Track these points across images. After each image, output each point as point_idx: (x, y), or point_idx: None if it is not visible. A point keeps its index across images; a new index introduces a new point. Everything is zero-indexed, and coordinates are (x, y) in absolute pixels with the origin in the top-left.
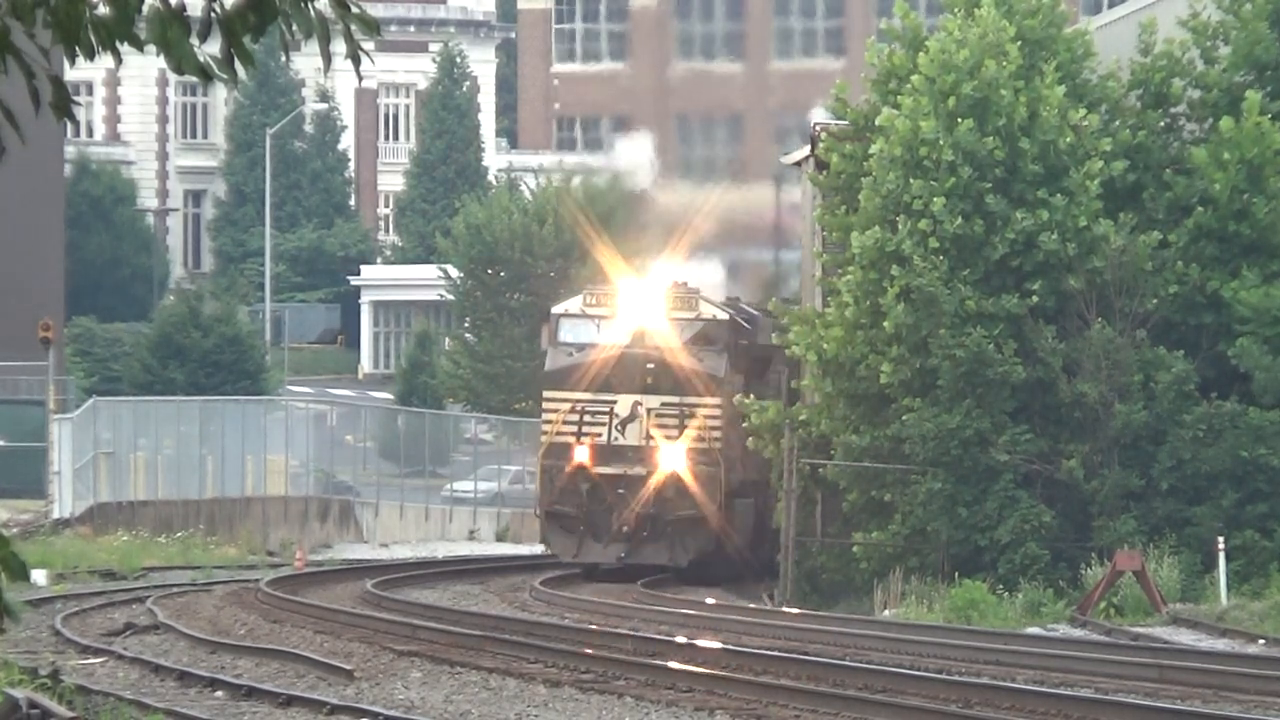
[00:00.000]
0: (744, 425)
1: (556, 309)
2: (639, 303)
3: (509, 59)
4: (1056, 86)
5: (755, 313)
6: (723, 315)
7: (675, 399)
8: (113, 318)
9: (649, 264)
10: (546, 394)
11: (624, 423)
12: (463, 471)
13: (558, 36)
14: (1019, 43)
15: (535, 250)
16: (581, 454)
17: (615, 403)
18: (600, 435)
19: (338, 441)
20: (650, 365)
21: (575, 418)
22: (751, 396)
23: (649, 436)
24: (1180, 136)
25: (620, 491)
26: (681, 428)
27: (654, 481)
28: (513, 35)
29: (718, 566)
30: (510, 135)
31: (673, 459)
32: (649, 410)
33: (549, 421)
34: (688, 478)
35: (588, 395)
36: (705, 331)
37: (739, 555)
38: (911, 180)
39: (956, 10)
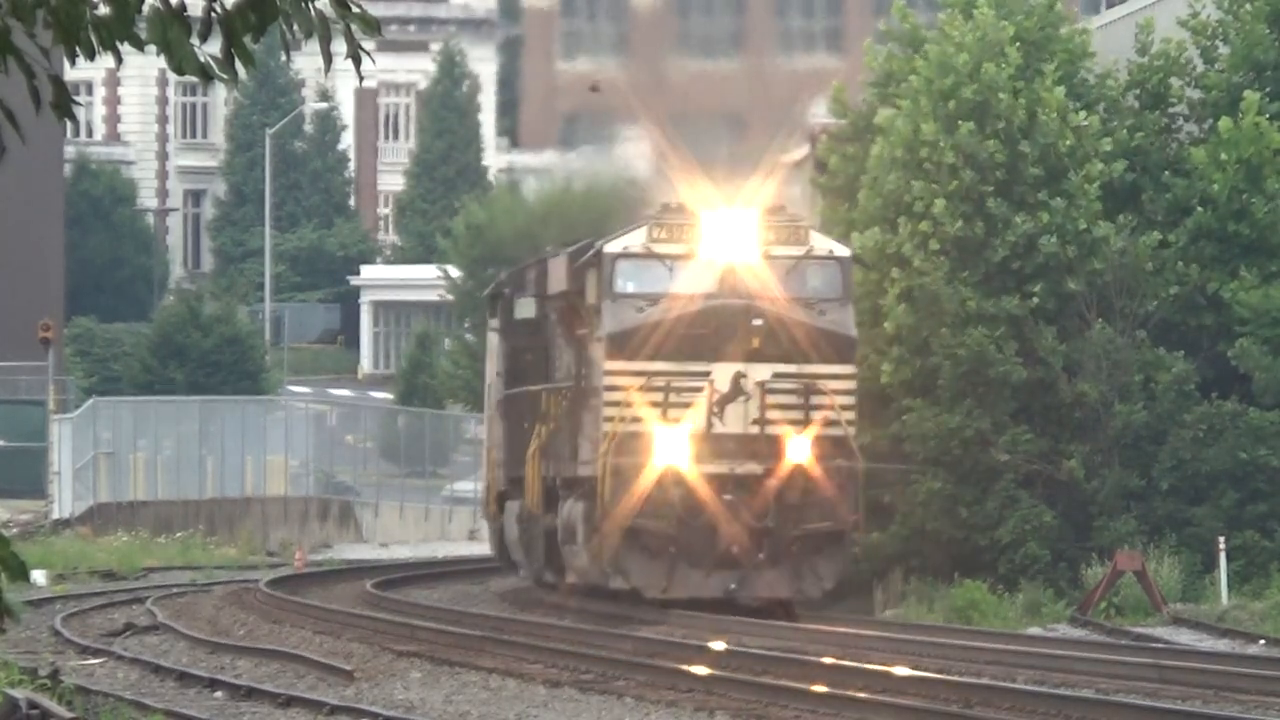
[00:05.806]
0: None
1: (610, 247)
2: (726, 235)
3: (510, 57)
4: (1056, 88)
5: None
6: (843, 251)
7: (793, 368)
8: (113, 318)
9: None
10: (609, 365)
11: (723, 402)
12: (463, 471)
13: (562, 34)
14: (1017, 44)
15: (539, 251)
16: (672, 447)
17: (711, 375)
18: (694, 420)
19: (338, 442)
20: (757, 322)
21: (658, 396)
22: None
23: (762, 421)
24: (1179, 137)
25: (726, 498)
26: (806, 408)
27: (773, 483)
28: (514, 33)
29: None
30: (511, 134)
31: (798, 451)
32: (759, 384)
33: (615, 403)
34: (820, 477)
35: (670, 365)
36: (823, 274)
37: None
38: (913, 182)
39: (957, 10)
